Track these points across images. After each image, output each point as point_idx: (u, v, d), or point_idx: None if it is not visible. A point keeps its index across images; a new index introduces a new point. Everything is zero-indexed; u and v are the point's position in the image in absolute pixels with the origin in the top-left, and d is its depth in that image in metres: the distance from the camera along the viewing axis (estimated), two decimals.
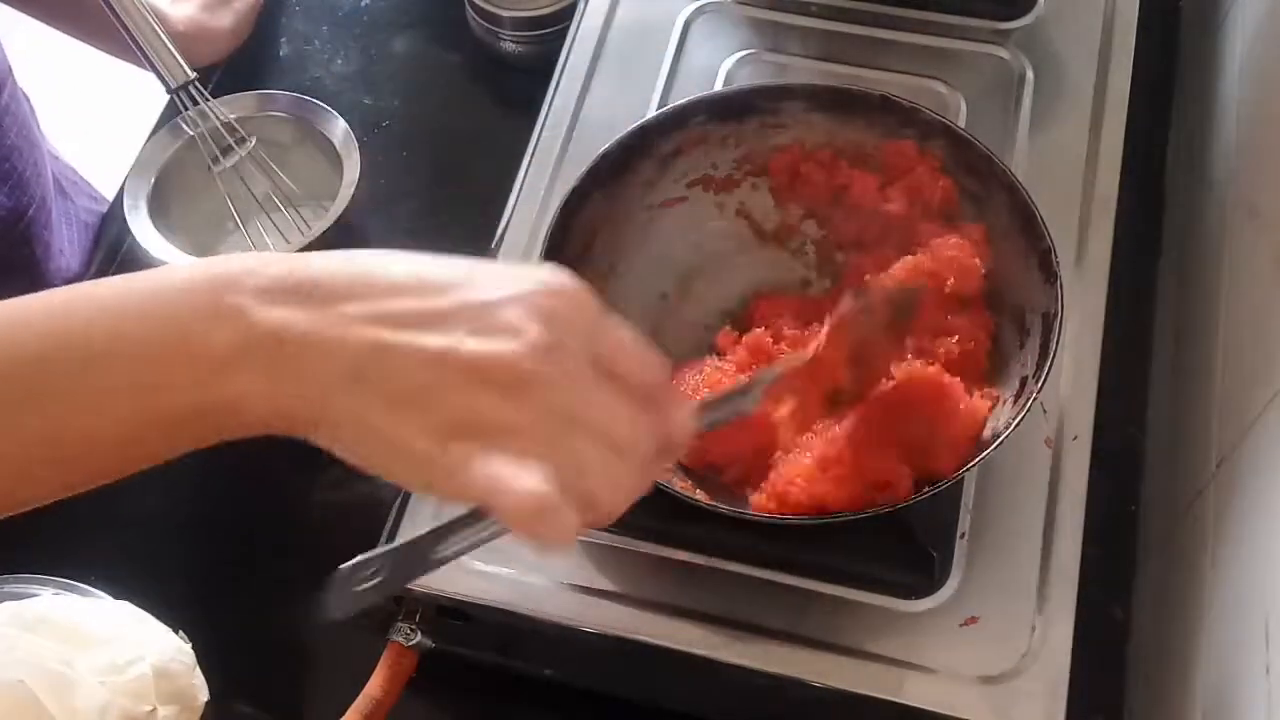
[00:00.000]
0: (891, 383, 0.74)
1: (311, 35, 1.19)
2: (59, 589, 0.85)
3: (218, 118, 0.95)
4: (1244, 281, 0.86)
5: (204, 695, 0.82)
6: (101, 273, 1.06)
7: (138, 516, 0.96)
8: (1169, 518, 0.88)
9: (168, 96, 0.96)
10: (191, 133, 0.95)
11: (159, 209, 0.95)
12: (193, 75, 0.94)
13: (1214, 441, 0.83)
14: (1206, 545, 0.80)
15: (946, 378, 0.74)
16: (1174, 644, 0.82)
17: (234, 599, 0.92)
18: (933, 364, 0.76)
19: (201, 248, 0.96)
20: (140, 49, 0.93)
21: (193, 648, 0.84)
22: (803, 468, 0.73)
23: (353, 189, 0.93)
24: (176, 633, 0.84)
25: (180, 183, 0.97)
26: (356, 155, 0.94)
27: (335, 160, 0.95)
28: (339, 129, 0.96)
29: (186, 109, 0.95)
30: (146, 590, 0.87)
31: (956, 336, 0.77)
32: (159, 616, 0.84)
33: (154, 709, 0.76)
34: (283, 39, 1.19)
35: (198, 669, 0.83)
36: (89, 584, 0.86)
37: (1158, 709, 0.82)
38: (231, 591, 0.93)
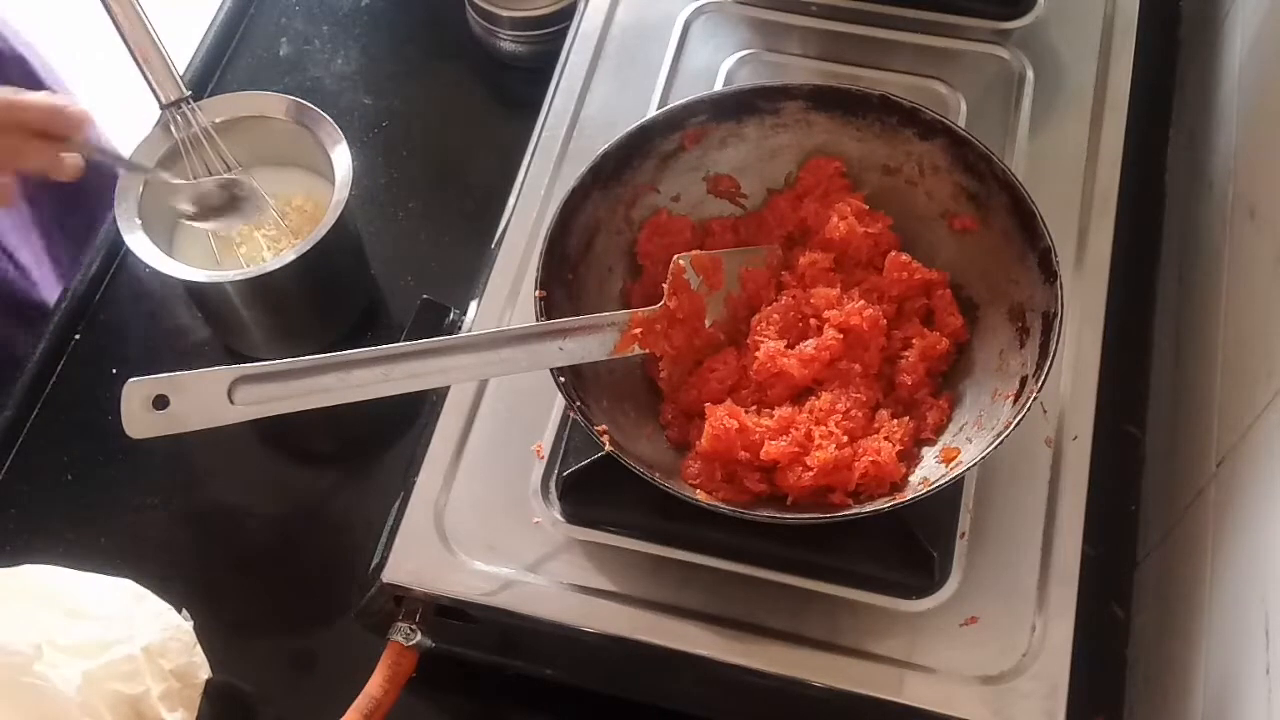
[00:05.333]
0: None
1: (311, 35, 1.19)
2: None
3: (207, 139, 0.95)
4: (1244, 281, 0.86)
5: (205, 673, 0.82)
6: (98, 278, 1.06)
7: (139, 516, 0.96)
8: (1169, 518, 0.88)
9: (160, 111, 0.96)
10: (184, 159, 0.95)
11: (155, 225, 0.94)
12: (187, 93, 0.94)
13: (1214, 441, 0.83)
14: (1206, 545, 0.80)
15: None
16: (1174, 644, 0.82)
17: (234, 600, 0.92)
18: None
19: (198, 262, 0.96)
20: (138, 61, 0.92)
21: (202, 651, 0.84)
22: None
23: (346, 190, 0.93)
24: (180, 611, 0.84)
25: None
26: (348, 159, 0.94)
27: (327, 162, 0.95)
28: (331, 131, 0.96)
29: (179, 126, 0.94)
30: (145, 589, 0.87)
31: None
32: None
33: (146, 689, 0.76)
34: (283, 39, 1.19)
35: (198, 647, 0.82)
36: (102, 564, 0.86)
37: (1158, 709, 0.82)
38: (232, 593, 0.93)
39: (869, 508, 0.72)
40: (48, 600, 0.80)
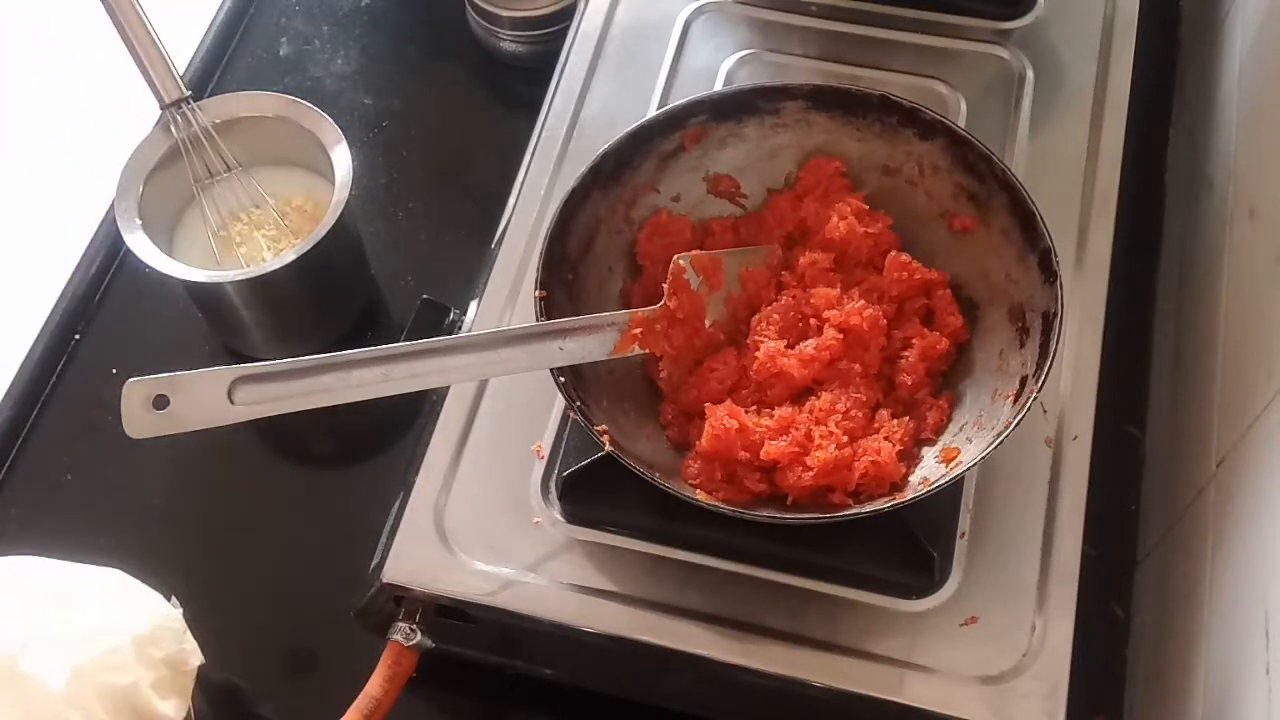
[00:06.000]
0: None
1: (311, 35, 1.19)
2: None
3: (207, 139, 0.95)
4: (1244, 281, 0.86)
5: (196, 659, 0.82)
6: (98, 278, 1.06)
7: (139, 516, 0.96)
8: (1169, 518, 0.88)
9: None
10: (183, 157, 0.95)
11: (155, 225, 0.94)
12: (187, 93, 0.94)
13: (1214, 441, 0.83)
14: (1206, 545, 0.80)
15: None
16: (1174, 644, 0.82)
17: (234, 600, 0.92)
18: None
19: (198, 262, 0.96)
20: (138, 61, 0.93)
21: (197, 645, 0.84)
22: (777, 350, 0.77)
23: (347, 190, 0.93)
24: (169, 599, 0.83)
25: (174, 195, 0.97)
26: (348, 159, 0.94)
27: (327, 162, 0.95)
28: (331, 131, 0.96)
29: (179, 126, 0.94)
30: (158, 577, 0.87)
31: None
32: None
33: (136, 680, 0.76)
34: (283, 39, 1.19)
35: (188, 633, 0.82)
36: (102, 563, 0.86)
37: (1158, 709, 0.82)
38: (232, 592, 0.93)
39: (869, 508, 0.72)
40: (32, 591, 0.79)
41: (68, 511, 0.96)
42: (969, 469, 0.73)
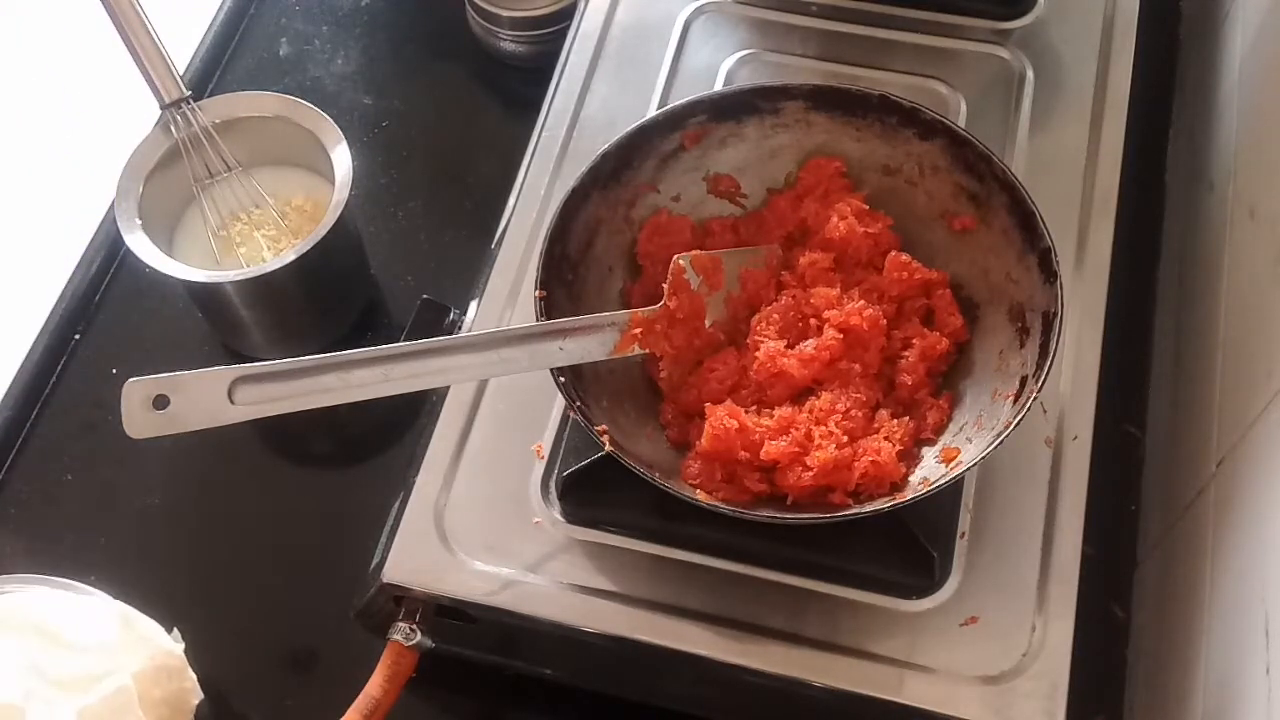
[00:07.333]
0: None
1: (311, 35, 1.19)
2: (56, 588, 0.85)
3: (207, 139, 0.95)
4: (1244, 281, 0.86)
5: (196, 697, 0.82)
6: (98, 278, 1.06)
7: (139, 516, 0.96)
8: (1169, 518, 0.88)
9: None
10: (184, 157, 0.95)
11: (155, 225, 0.94)
12: (187, 93, 0.94)
13: (1214, 441, 0.83)
14: (1206, 545, 0.80)
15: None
16: (1174, 644, 0.82)
17: (234, 600, 0.92)
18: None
19: (198, 262, 0.96)
20: (138, 60, 0.93)
21: (191, 647, 0.84)
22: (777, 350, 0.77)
23: (346, 190, 0.93)
24: (170, 631, 0.84)
25: (174, 195, 0.97)
26: (348, 159, 0.94)
27: (327, 162, 0.95)
28: (331, 131, 0.96)
29: (179, 126, 0.94)
30: (146, 589, 0.87)
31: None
32: (157, 614, 0.84)
33: None
34: (283, 39, 1.19)
35: (189, 670, 0.82)
36: (89, 583, 0.86)
37: (1158, 709, 0.82)
38: (232, 592, 0.93)
39: (869, 508, 0.72)
40: (32, 631, 0.78)
41: (67, 512, 0.96)
42: (969, 469, 0.73)
